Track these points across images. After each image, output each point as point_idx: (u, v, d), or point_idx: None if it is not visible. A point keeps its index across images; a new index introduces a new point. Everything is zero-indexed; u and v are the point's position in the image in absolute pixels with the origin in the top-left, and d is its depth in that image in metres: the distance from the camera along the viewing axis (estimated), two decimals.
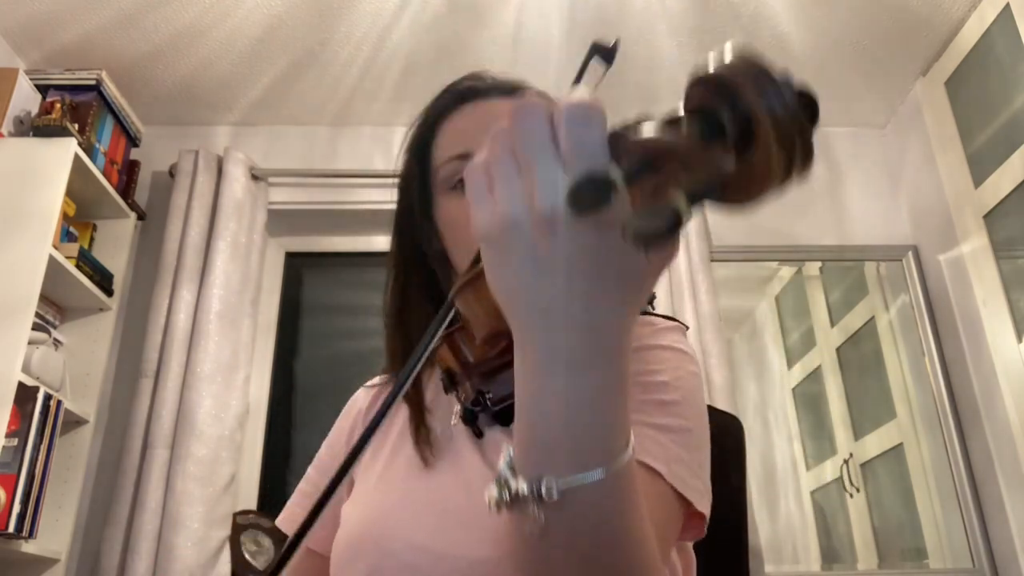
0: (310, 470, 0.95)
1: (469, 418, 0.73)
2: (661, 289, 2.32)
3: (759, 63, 0.32)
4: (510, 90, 0.90)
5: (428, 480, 0.75)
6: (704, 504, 0.68)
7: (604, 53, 0.53)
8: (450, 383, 0.70)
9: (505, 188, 0.41)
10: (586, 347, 0.43)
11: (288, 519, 0.92)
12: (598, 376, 0.43)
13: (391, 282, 0.87)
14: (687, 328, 0.80)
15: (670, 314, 2.30)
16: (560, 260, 0.40)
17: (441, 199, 0.84)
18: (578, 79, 0.54)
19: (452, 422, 0.79)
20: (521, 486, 0.44)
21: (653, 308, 0.80)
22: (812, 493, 2.58)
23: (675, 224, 0.32)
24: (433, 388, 0.86)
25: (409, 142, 0.89)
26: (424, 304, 0.85)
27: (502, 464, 0.47)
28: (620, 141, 0.37)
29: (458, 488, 0.72)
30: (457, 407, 0.77)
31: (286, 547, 0.46)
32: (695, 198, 0.32)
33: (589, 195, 0.35)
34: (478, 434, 0.74)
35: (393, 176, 0.92)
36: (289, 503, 0.94)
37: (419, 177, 0.86)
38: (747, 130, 0.31)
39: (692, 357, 0.77)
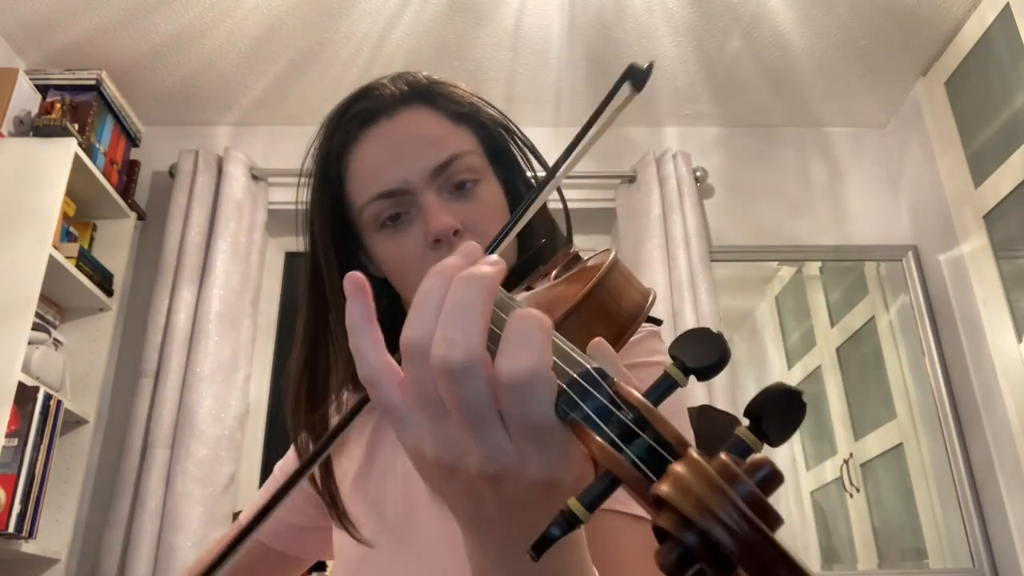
0: (276, 471, 0.96)
1: None
2: (661, 289, 2.32)
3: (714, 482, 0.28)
4: (409, 97, 0.79)
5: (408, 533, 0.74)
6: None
7: (637, 77, 0.50)
8: None
9: (435, 430, 0.37)
10: (529, 564, 0.38)
11: (249, 515, 0.92)
12: (550, 562, 0.40)
13: (303, 337, 0.79)
14: (661, 324, 0.75)
15: (670, 314, 2.30)
16: (503, 499, 0.37)
17: (372, 237, 0.77)
18: (607, 101, 0.51)
19: None
20: None
21: None
22: (812, 493, 2.58)
23: None
24: (372, 430, 0.84)
25: (315, 182, 0.80)
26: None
27: None
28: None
29: (448, 546, 0.70)
30: None
31: (234, 537, 0.45)
32: None
33: (556, 539, 0.32)
34: None
35: None
36: (254, 500, 0.95)
37: (334, 216, 0.79)
38: (722, 559, 0.28)
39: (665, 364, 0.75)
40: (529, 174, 0.85)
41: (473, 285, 0.36)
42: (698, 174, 2.56)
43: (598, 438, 0.33)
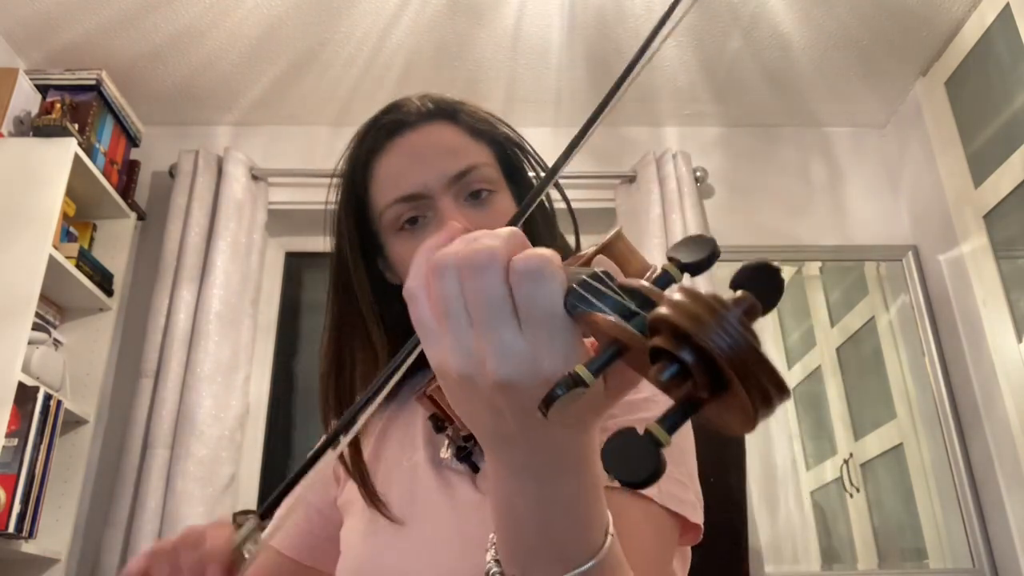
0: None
1: (464, 455, 0.75)
2: None
3: (704, 300, 0.32)
4: (433, 113, 0.85)
5: (416, 527, 0.77)
6: (698, 515, 0.69)
7: None
8: (439, 426, 0.72)
9: (456, 341, 0.39)
10: (551, 463, 0.43)
11: (282, 534, 0.93)
12: (567, 483, 0.44)
13: (331, 329, 0.85)
14: None
15: None
16: (519, 408, 0.39)
17: (391, 239, 0.83)
18: (670, 11, 0.54)
19: (443, 454, 0.80)
20: None
21: None
22: (812, 493, 2.58)
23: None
24: (382, 426, 0.88)
25: (343, 185, 0.87)
26: (367, 348, 0.83)
27: (489, 559, 0.49)
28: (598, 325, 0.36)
29: (450, 534, 0.74)
30: (446, 443, 0.79)
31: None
32: (671, 428, 0.32)
33: (559, 397, 0.34)
34: (475, 469, 0.76)
35: None
36: (277, 519, 0.95)
37: (358, 218, 0.85)
38: (715, 373, 0.31)
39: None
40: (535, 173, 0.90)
41: (501, 232, 0.40)
42: (698, 174, 2.55)
43: (608, 316, 0.36)
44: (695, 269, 0.38)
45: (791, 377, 2.72)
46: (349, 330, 0.84)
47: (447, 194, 0.80)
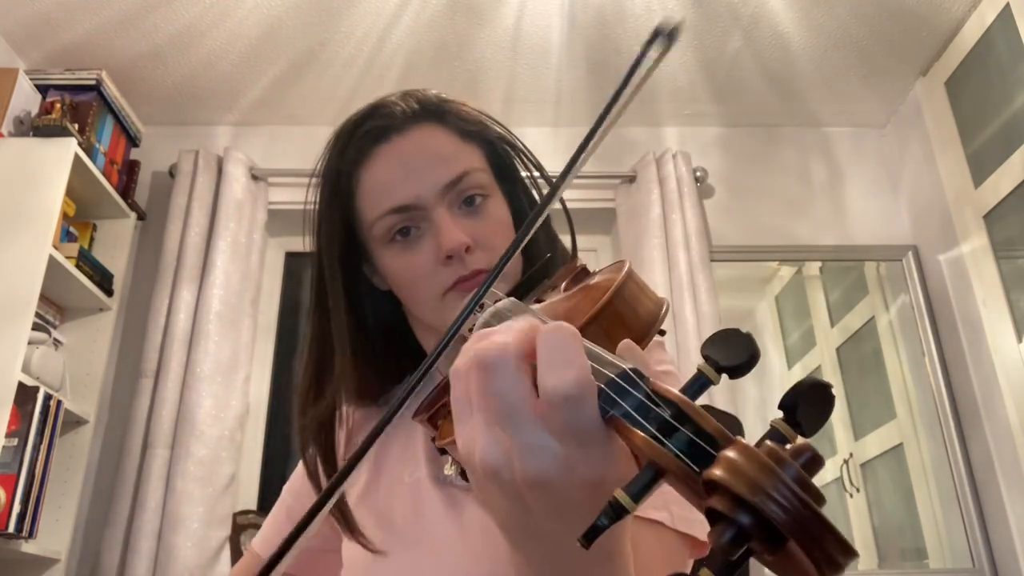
0: (284, 493, 0.94)
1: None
2: (661, 289, 2.32)
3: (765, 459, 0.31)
4: (419, 114, 0.80)
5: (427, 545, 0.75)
6: (706, 532, 0.69)
7: (666, 35, 0.51)
8: (443, 449, 0.71)
9: (484, 436, 0.38)
10: (581, 557, 0.40)
11: (265, 542, 0.92)
12: (595, 571, 0.42)
13: (310, 342, 0.81)
14: (664, 334, 0.79)
15: (670, 314, 2.30)
16: (550, 507, 0.38)
17: (381, 250, 0.79)
18: (635, 66, 0.52)
19: (446, 471, 0.77)
20: None
21: None
22: None
23: None
24: (381, 439, 0.86)
25: (324, 193, 0.81)
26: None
27: None
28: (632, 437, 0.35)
29: (460, 554, 0.72)
30: (450, 461, 0.77)
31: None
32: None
33: (605, 529, 0.33)
34: None
35: None
36: (265, 525, 0.94)
37: (343, 227, 0.80)
38: (774, 535, 0.30)
39: (674, 374, 0.75)
40: (534, 179, 0.87)
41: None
42: (698, 174, 2.55)
43: (640, 432, 0.35)
44: (734, 373, 0.36)
45: (791, 377, 2.72)
46: (329, 344, 0.80)
47: (441, 204, 0.76)
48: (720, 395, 2.21)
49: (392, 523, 0.78)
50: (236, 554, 2.09)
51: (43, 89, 2.24)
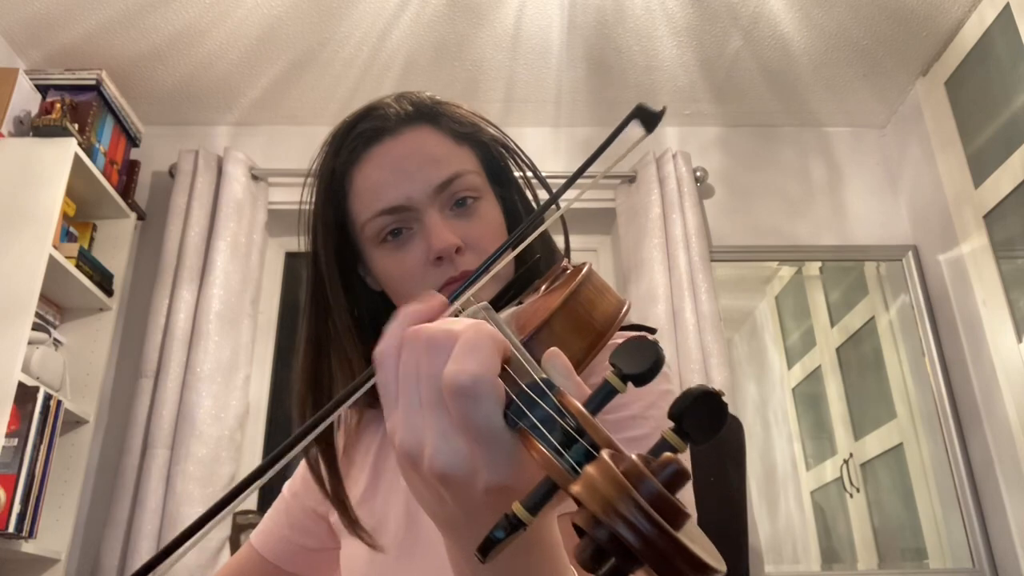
0: (285, 491, 0.95)
1: None
2: (661, 289, 2.32)
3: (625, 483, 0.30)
4: (413, 117, 0.80)
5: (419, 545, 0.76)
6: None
7: (646, 118, 0.50)
8: None
9: (406, 416, 0.39)
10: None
11: (264, 535, 0.93)
12: (520, 561, 0.42)
13: (306, 343, 0.81)
14: (655, 332, 0.75)
15: (670, 314, 2.30)
16: (459, 504, 0.39)
17: (373, 251, 0.80)
18: (612, 137, 0.52)
19: None
20: None
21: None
22: (812, 493, 2.58)
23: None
24: (379, 445, 0.86)
25: (319, 195, 0.82)
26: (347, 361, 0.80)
27: None
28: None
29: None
30: None
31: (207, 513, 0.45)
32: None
33: (499, 542, 0.33)
34: None
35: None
36: (263, 520, 0.95)
37: (336, 229, 0.81)
38: (629, 553, 0.30)
39: (665, 374, 0.74)
40: (528, 181, 0.86)
41: (481, 332, 0.39)
42: (698, 174, 2.56)
43: (540, 445, 0.34)
44: (637, 381, 0.36)
45: (791, 377, 2.72)
46: (325, 344, 0.80)
47: (432, 205, 0.76)
48: None
49: (388, 529, 0.78)
50: None
51: (43, 89, 2.24)
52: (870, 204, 2.66)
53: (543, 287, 0.61)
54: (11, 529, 1.77)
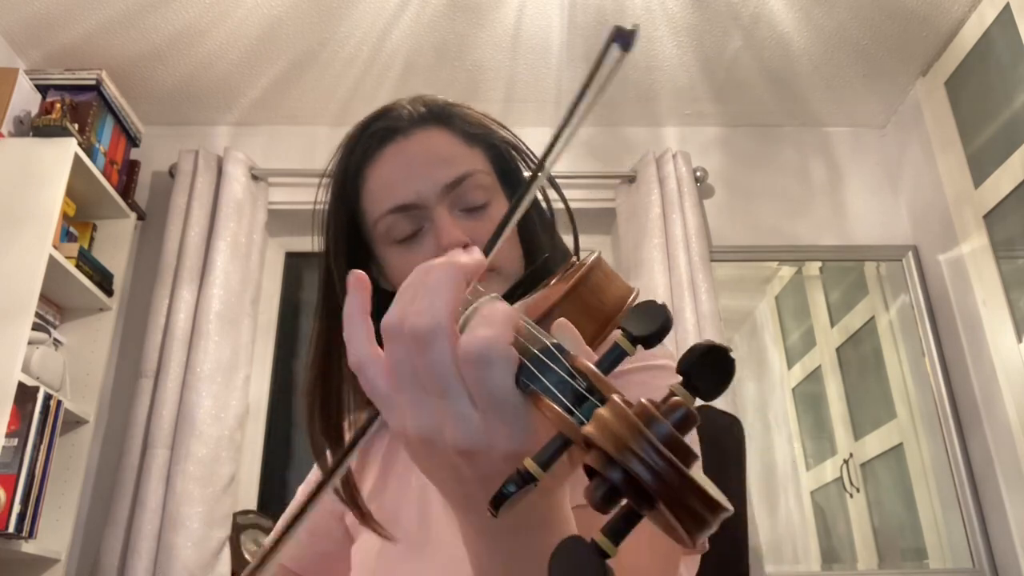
0: (299, 495, 0.95)
1: None
2: (661, 289, 2.32)
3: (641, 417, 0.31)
4: (426, 118, 0.82)
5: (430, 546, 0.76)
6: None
7: (623, 37, 0.51)
8: None
9: (414, 406, 0.39)
10: (517, 524, 0.42)
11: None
12: (534, 538, 0.43)
13: (317, 343, 0.80)
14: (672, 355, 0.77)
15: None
16: (479, 475, 0.39)
17: (385, 250, 0.81)
18: (597, 65, 0.53)
19: None
20: None
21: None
22: (812, 493, 2.58)
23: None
24: (388, 444, 0.86)
25: (333, 194, 0.83)
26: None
27: None
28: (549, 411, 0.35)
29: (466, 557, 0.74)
30: None
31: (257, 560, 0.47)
32: (616, 538, 0.31)
33: (511, 496, 0.34)
34: None
35: None
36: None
37: (348, 228, 0.82)
38: (644, 492, 0.30)
39: (672, 370, 0.75)
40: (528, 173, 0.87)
41: (445, 269, 0.40)
42: (698, 174, 2.55)
43: (554, 405, 0.35)
44: (646, 342, 0.36)
45: (791, 377, 2.72)
46: (337, 344, 0.79)
47: (442, 204, 0.77)
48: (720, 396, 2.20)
49: (399, 525, 0.79)
50: (236, 554, 2.09)
51: (43, 89, 2.24)
52: (870, 204, 2.66)
53: (553, 281, 0.62)
54: (11, 529, 1.77)
